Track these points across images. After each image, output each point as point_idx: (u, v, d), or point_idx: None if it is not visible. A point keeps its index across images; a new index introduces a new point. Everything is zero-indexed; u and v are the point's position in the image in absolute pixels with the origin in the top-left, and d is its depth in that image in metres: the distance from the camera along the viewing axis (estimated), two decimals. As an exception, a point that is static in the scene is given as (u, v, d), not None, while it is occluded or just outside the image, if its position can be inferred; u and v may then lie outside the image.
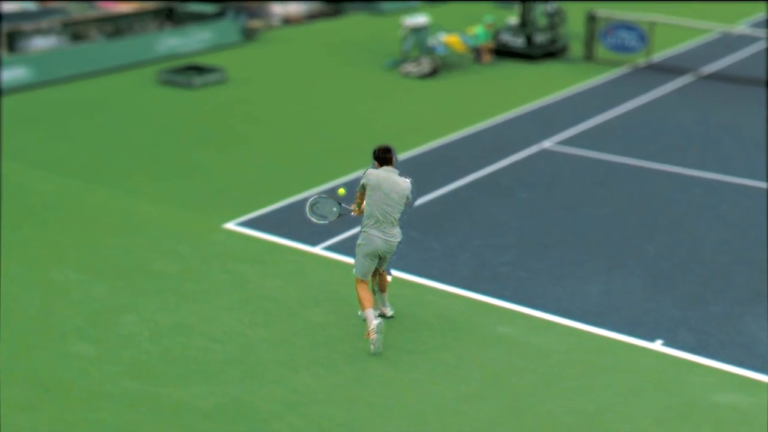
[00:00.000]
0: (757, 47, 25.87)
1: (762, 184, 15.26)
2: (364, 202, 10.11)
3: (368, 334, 9.86)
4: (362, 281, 10.13)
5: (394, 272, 11.53)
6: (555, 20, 24.05)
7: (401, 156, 16.17)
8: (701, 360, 9.95)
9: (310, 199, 10.67)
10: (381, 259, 10.13)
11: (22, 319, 10.52)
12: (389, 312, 10.61)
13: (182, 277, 11.57)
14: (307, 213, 10.67)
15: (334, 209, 10.59)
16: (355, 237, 12.48)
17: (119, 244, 12.51)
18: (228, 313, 10.78)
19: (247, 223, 13.26)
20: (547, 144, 17.15)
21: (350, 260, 12.04)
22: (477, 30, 23.47)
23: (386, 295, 10.63)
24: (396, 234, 10.01)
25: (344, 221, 12.12)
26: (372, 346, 9.84)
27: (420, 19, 22.83)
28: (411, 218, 12.49)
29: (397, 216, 9.97)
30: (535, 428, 8.77)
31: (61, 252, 12.21)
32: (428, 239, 12.78)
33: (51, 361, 9.70)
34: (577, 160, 16.39)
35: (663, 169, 16.00)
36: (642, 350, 10.15)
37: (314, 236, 12.76)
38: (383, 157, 10.04)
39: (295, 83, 21.16)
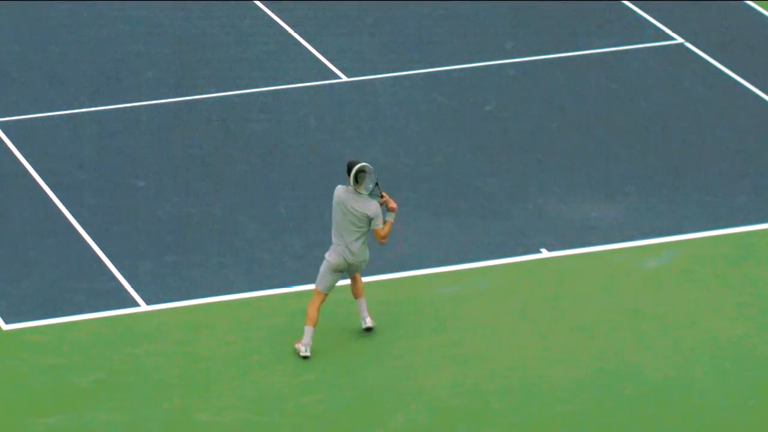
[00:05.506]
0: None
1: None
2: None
3: (301, 346, 11.43)
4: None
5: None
6: None
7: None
8: (594, 249, 13.15)
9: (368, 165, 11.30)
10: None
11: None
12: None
13: (116, 389, 10.88)
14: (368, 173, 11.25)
15: (371, 185, 11.36)
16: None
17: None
18: (236, 402, 10.89)
19: (24, 317, 11.94)
20: None
21: (212, 299, 12.15)
22: None
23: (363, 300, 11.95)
24: None
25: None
26: (301, 352, 11.42)
27: None
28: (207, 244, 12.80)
29: None
30: (590, 335, 11.69)
31: None
32: (230, 257, 12.98)
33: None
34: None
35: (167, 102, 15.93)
36: (547, 261, 13.19)
37: (132, 294, 12.30)
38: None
39: None
